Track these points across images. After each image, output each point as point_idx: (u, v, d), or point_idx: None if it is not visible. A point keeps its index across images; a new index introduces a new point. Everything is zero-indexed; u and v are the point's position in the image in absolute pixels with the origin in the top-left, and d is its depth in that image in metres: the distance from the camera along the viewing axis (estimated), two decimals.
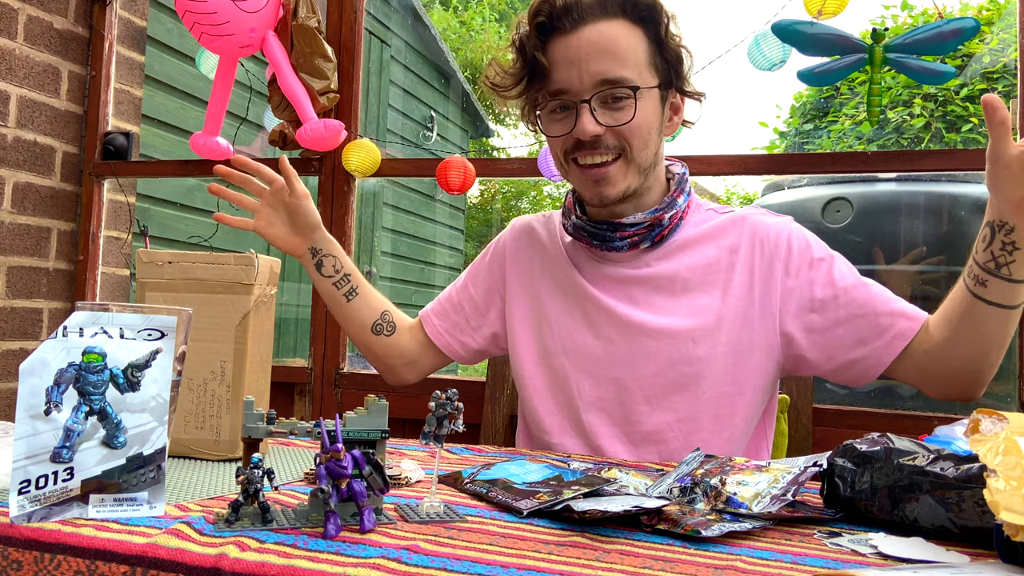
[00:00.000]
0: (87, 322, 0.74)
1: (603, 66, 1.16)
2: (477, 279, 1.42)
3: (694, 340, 1.20)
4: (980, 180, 2.59)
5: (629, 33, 1.17)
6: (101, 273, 2.33)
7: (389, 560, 0.62)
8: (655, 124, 1.21)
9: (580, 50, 1.16)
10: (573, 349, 1.26)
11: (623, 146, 1.18)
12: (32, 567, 0.67)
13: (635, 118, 1.17)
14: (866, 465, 0.80)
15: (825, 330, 1.18)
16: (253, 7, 1.84)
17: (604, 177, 1.19)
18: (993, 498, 0.59)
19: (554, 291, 1.31)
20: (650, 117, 1.19)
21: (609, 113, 1.17)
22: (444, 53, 7.53)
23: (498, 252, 1.41)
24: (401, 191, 6.70)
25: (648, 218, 1.23)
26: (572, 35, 1.17)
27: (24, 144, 2.18)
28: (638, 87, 1.16)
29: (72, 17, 2.29)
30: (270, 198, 1.29)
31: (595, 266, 1.29)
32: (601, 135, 1.17)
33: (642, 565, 0.63)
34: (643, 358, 1.22)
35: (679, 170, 1.29)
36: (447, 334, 1.40)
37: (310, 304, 2.10)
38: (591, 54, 1.16)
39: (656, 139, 1.22)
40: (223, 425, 1.03)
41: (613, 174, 1.19)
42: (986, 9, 4.09)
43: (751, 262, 1.22)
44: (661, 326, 1.21)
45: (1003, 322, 1.04)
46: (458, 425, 0.78)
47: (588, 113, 1.16)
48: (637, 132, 1.18)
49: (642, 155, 1.20)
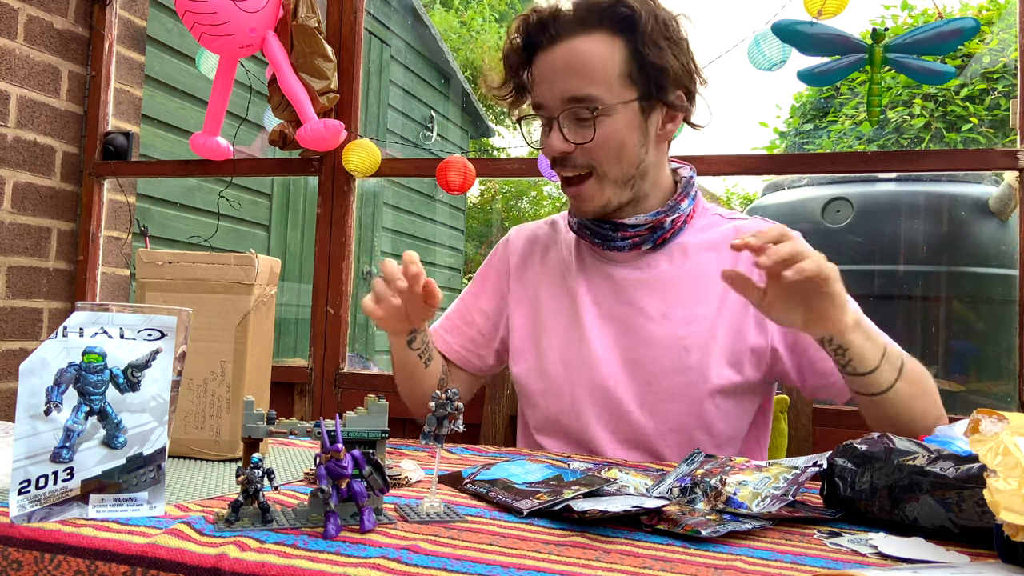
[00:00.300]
0: (87, 322, 0.74)
1: (570, 84, 1.17)
2: (485, 290, 1.41)
3: (687, 349, 1.20)
4: (980, 180, 2.59)
5: (604, 48, 1.17)
6: (101, 273, 2.33)
7: (389, 560, 0.62)
8: (630, 138, 1.19)
9: (553, 68, 1.19)
10: (569, 356, 1.26)
11: (591, 165, 1.19)
12: (32, 567, 0.67)
13: (596, 137, 1.17)
14: (866, 465, 0.80)
15: (803, 352, 1.20)
16: (253, 7, 1.84)
17: (578, 194, 1.22)
18: (993, 498, 0.59)
19: (553, 297, 1.31)
20: (621, 133, 1.18)
21: (576, 130, 1.18)
22: (444, 53, 7.53)
23: (502, 260, 1.41)
24: (401, 191, 6.70)
25: (649, 220, 1.23)
26: (549, 52, 1.19)
27: (24, 144, 2.18)
28: (597, 108, 1.16)
29: (72, 17, 2.29)
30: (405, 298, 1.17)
31: (597, 265, 1.29)
32: (569, 152, 1.19)
33: (642, 565, 0.63)
34: (637, 366, 1.22)
35: (686, 173, 1.29)
36: (463, 349, 1.39)
37: (310, 304, 2.10)
38: (561, 71, 1.18)
39: (634, 152, 1.20)
40: (223, 425, 1.03)
41: (586, 191, 1.21)
42: (986, 9, 4.09)
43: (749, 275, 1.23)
44: (656, 334, 1.22)
45: (883, 404, 1.07)
46: (458, 425, 0.79)
47: (557, 131, 1.19)
48: (604, 149, 1.18)
49: (615, 170, 1.20)
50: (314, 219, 2.11)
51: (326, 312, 2.06)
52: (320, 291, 2.09)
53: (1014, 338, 1.67)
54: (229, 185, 2.29)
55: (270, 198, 4.70)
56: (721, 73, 1.92)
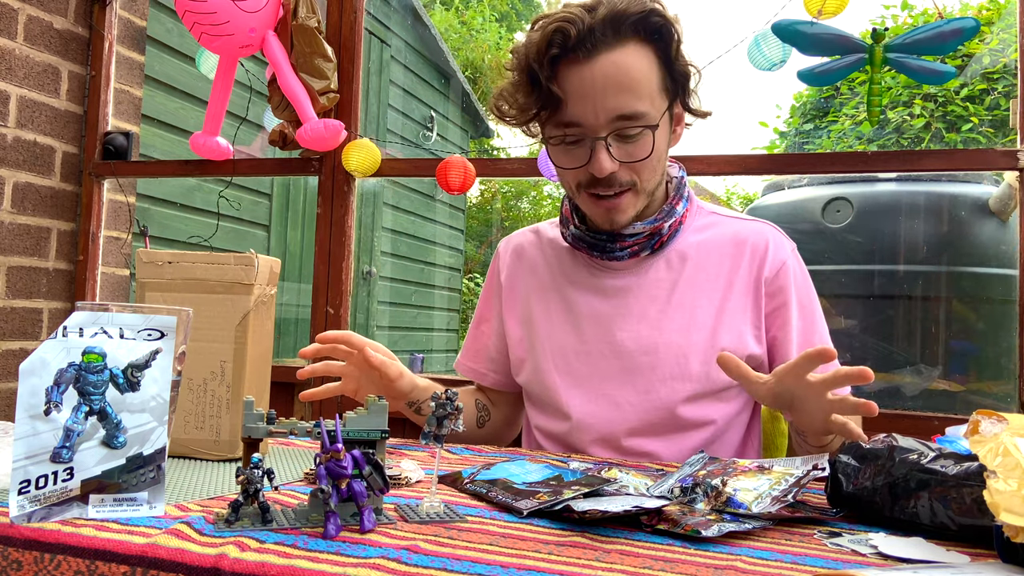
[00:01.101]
0: (87, 322, 0.74)
1: (619, 101, 1.11)
2: (488, 311, 1.41)
3: (686, 356, 1.20)
4: (980, 180, 2.59)
5: (642, 58, 1.12)
6: (101, 273, 2.33)
7: (389, 560, 0.62)
8: (665, 149, 1.19)
9: (595, 84, 1.11)
10: (565, 365, 1.26)
11: (634, 181, 1.16)
12: (32, 567, 0.67)
13: (652, 153, 1.14)
14: (868, 462, 0.80)
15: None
16: (253, 7, 1.84)
17: (616, 207, 1.18)
18: (993, 499, 0.59)
19: (546, 307, 1.30)
20: (662, 146, 1.17)
21: (623, 148, 1.14)
22: (444, 53, 7.52)
23: (494, 275, 1.41)
24: (401, 191, 6.70)
25: (647, 228, 1.22)
26: (586, 66, 1.11)
27: (24, 144, 2.18)
28: (656, 125, 1.13)
29: (72, 17, 2.29)
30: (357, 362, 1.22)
31: (593, 275, 1.28)
32: (616, 172, 1.15)
33: (642, 565, 0.63)
34: (635, 374, 1.22)
35: (676, 174, 1.28)
36: (492, 372, 1.40)
37: (310, 304, 2.10)
38: (606, 88, 1.10)
39: (665, 163, 1.21)
40: (223, 425, 1.03)
41: (624, 204, 1.18)
42: (986, 9, 4.09)
43: (749, 279, 1.23)
44: (654, 343, 1.21)
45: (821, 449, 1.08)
46: (458, 425, 0.79)
47: (604, 150, 1.12)
48: (650, 165, 1.16)
49: (652, 182, 1.19)
50: (314, 219, 2.11)
51: (326, 312, 2.06)
52: (320, 291, 2.09)
53: (1014, 338, 1.67)
54: (229, 185, 2.29)
55: (270, 198, 4.70)
56: (721, 73, 1.92)
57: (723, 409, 1.22)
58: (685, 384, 1.19)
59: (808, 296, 1.26)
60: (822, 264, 2.61)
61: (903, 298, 2.66)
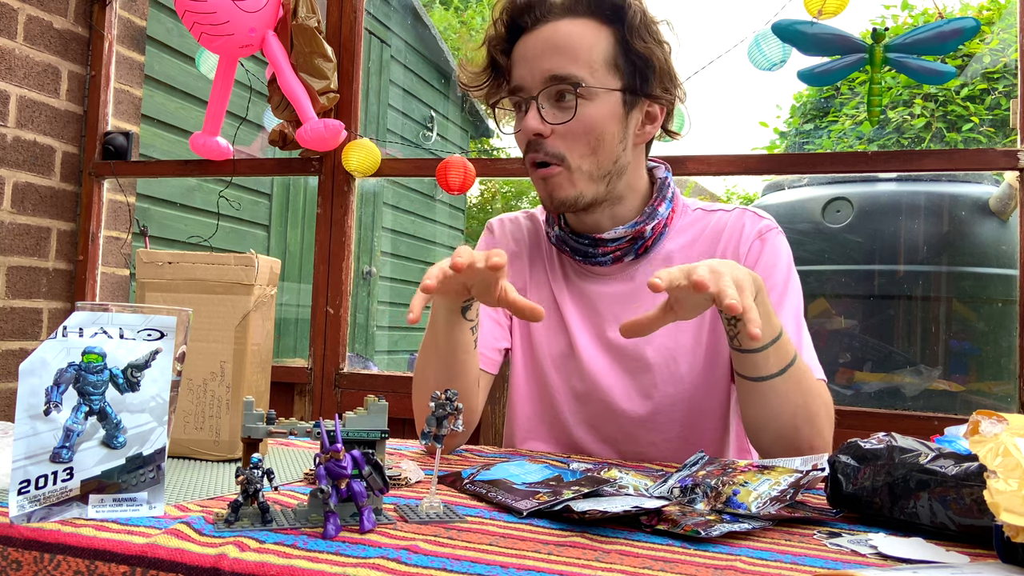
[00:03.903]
0: (87, 322, 0.74)
1: (553, 62, 1.13)
2: None
3: (675, 360, 1.20)
4: (980, 180, 2.59)
5: (591, 32, 1.14)
6: (101, 273, 2.33)
7: (389, 560, 0.62)
8: (610, 129, 1.15)
9: (535, 47, 1.15)
10: (561, 367, 1.25)
11: (563, 155, 1.14)
12: (32, 567, 0.67)
13: (575, 119, 1.13)
14: (868, 462, 0.80)
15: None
16: (253, 7, 1.84)
17: (549, 176, 1.16)
18: (993, 499, 0.59)
19: (539, 301, 1.27)
20: (601, 121, 1.14)
21: (556, 112, 1.15)
22: (444, 53, 7.52)
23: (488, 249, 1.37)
24: (401, 191, 6.70)
25: (629, 232, 1.20)
26: (532, 33, 1.16)
27: (24, 144, 2.18)
28: (579, 85, 1.13)
29: (72, 17, 2.29)
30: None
31: (581, 280, 1.26)
32: (545, 137, 1.14)
33: (642, 565, 0.63)
34: (627, 379, 1.21)
35: (661, 174, 1.25)
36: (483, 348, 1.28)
37: (310, 304, 2.10)
38: (544, 51, 1.14)
39: (612, 146, 1.16)
40: (223, 425, 1.03)
41: (559, 179, 1.16)
42: (986, 9, 4.09)
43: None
44: (645, 350, 1.20)
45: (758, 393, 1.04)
46: (458, 425, 0.78)
47: (534, 109, 1.14)
48: (580, 136, 1.14)
49: (588, 162, 1.15)
50: (314, 219, 2.11)
51: (326, 312, 2.06)
52: (320, 291, 2.09)
53: (1014, 338, 1.68)
54: (229, 185, 2.29)
55: (270, 198, 4.70)
56: (721, 73, 1.92)
57: (712, 407, 1.21)
58: (677, 386, 1.19)
59: (776, 273, 1.20)
60: (822, 264, 2.61)
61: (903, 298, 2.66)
